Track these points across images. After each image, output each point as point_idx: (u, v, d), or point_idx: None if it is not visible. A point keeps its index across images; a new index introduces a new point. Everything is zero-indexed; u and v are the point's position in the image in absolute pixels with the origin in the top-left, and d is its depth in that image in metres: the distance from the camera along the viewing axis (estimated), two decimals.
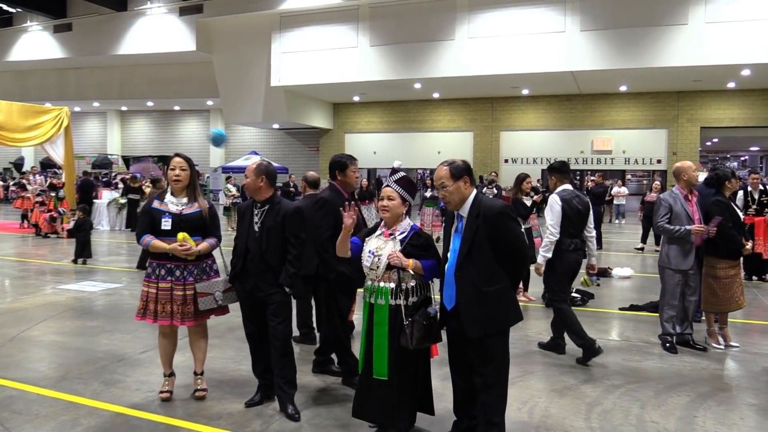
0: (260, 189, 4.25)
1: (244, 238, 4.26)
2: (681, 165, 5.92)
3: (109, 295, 8.46)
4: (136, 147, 33.05)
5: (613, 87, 22.31)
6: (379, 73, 20.86)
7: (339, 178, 4.83)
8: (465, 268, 3.42)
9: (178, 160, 4.37)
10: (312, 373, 5.09)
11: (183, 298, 4.29)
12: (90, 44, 24.93)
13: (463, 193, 3.46)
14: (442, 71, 20.11)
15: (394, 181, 3.77)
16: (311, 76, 21.71)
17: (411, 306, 3.61)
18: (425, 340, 3.53)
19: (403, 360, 3.61)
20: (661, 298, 5.99)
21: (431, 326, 3.54)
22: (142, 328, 6.35)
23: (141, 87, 27.63)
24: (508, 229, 3.38)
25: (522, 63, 19.10)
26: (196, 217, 4.33)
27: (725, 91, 22.12)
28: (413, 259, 3.59)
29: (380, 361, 3.63)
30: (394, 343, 3.59)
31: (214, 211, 4.46)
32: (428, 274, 3.66)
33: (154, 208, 4.34)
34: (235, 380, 4.93)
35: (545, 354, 5.78)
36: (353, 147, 27.42)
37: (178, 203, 4.34)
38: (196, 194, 4.39)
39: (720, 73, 19.11)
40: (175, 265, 4.29)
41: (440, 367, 4.92)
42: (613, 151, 23.81)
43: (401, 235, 3.68)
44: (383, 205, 3.71)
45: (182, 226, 4.26)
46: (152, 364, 5.28)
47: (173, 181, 4.34)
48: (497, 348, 3.43)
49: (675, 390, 4.82)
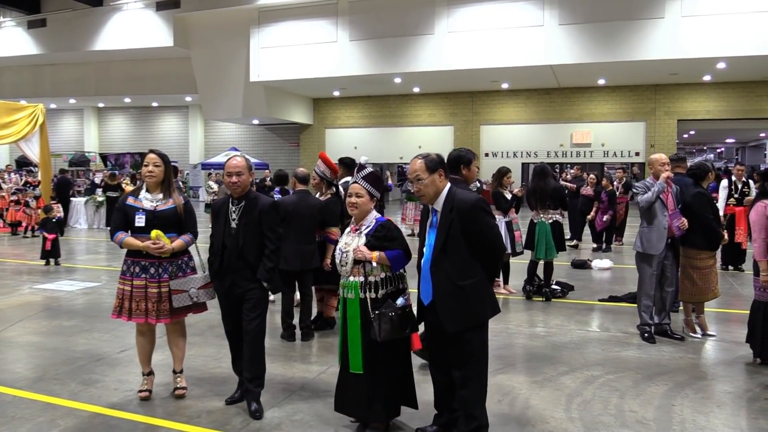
0: (249, 184, 4.28)
1: (221, 236, 4.23)
2: (651, 157, 6.12)
3: (87, 294, 8.36)
4: (114, 144, 32.64)
5: (592, 80, 22.48)
6: (359, 68, 20.80)
7: (464, 173, 4.90)
8: (440, 263, 3.42)
9: (152, 156, 4.34)
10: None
11: (158, 295, 4.24)
12: (65, 40, 24.52)
13: (438, 186, 3.47)
14: (422, 65, 20.11)
15: (362, 177, 3.77)
16: (290, 71, 21.58)
17: (381, 298, 3.62)
18: (394, 332, 3.53)
19: (376, 353, 3.62)
20: (638, 289, 6.05)
21: (400, 318, 3.55)
22: (121, 327, 6.28)
23: (118, 83, 27.25)
24: (483, 223, 3.38)
25: (501, 57, 19.14)
26: (170, 213, 4.28)
27: (701, 84, 22.38)
28: (377, 252, 3.61)
29: (355, 355, 3.66)
30: (367, 336, 3.61)
31: (189, 207, 4.42)
32: (395, 264, 3.67)
33: (128, 204, 4.30)
34: (215, 378, 4.90)
35: (526, 346, 5.82)
36: (334, 142, 27.34)
37: (153, 200, 4.30)
38: (171, 190, 4.35)
39: (696, 67, 19.34)
40: (149, 263, 4.24)
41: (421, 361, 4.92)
42: (592, 144, 24.01)
43: (367, 229, 3.72)
44: (351, 202, 3.73)
45: (156, 223, 4.22)
46: (131, 363, 5.22)
47: (146, 176, 4.31)
48: (475, 342, 3.44)
49: (653, 379, 4.88)
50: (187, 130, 31.30)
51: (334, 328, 6.24)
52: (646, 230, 5.88)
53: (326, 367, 5.15)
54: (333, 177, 6.31)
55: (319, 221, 6.02)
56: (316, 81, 22.31)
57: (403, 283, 3.78)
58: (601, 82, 22.79)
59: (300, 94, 26.34)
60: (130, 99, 29.40)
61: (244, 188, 4.21)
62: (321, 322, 6.40)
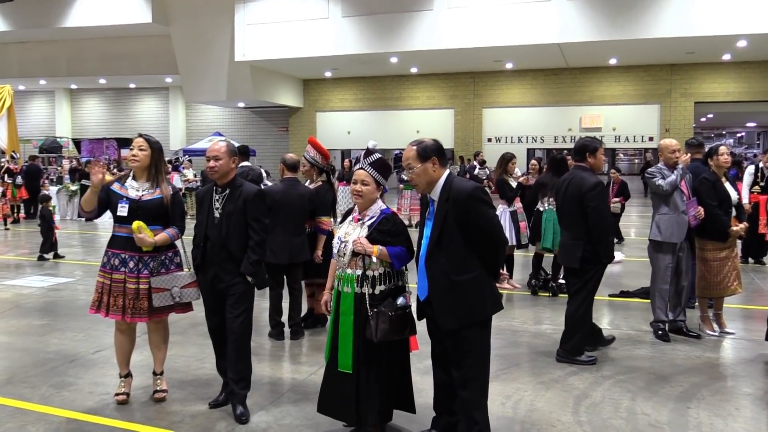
0: (231, 171, 4.23)
1: (203, 226, 4.21)
2: (660, 144, 6.10)
3: (59, 290, 8.34)
4: (88, 129, 32.49)
5: (603, 60, 22.45)
6: (353, 47, 20.72)
7: (589, 160, 5.21)
8: (435, 256, 3.41)
9: (138, 139, 4.32)
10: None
11: (135, 292, 4.21)
12: (35, 16, 24.31)
13: (431, 176, 3.45)
14: (420, 44, 20.04)
15: (369, 163, 3.75)
16: (279, 50, 21.48)
17: (378, 295, 3.61)
18: (392, 332, 3.53)
19: (369, 352, 3.62)
20: (652, 284, 6.06)
21: (399, 318, 3.55)
22: (96, 325, 6.26)
23: (92, 63, 27.05)
24: (479, 213, 3.35)
25: (505, 35, 19.08)
26: (155, 204, 4.25)
27: (720, 64, 22.38)
28: (378, 246, 3.60)
29: (345, 353, 3.65)
30: (359, 333, 3.60)
31: (178, 198, 4.40)
32: (397, 261, 3.66)
33: (112, 189, 4.29)
34: (198, 380, 4.89)
35: (531, 345, 5.83)
36: (325, 126, 27.29)
37: (139, 188, 4.28)
38: (159, 179, 4.32)
39: (715, 45, 19.32)
40: (129, 256, 4.22)
41: (420, 361, 4.93)
42: (602, 128, 24.01)
43: (370, 221, 3.70)
44: (356, 190, 3.71)
45: (140, 213, 4.19)
46: (107, 364, 5.21)
47: (130, 161, 4.29)
48: (474, 340, 3.42)
49: (667, 380, 4.89)
50: (167, 114, 31.17)
51: (325, 325, 6.24)
52: (665, 217, 5.85)
53: (317, 367, 5.14)
54: (324, 163, 6.29)
55: (309, 211, 6.01)
56: (306, 60, 22.22)
57: (403, 280, 3.77)
58: (613, 62, 22.76)
59: (289, 75, 26.24)
60: (105, 80, 29.23)
61: (223, 174, 4.18)
62: (312, 319, 6.40)
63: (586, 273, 5.18)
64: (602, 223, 5.09)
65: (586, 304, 5.24)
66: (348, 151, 27.19)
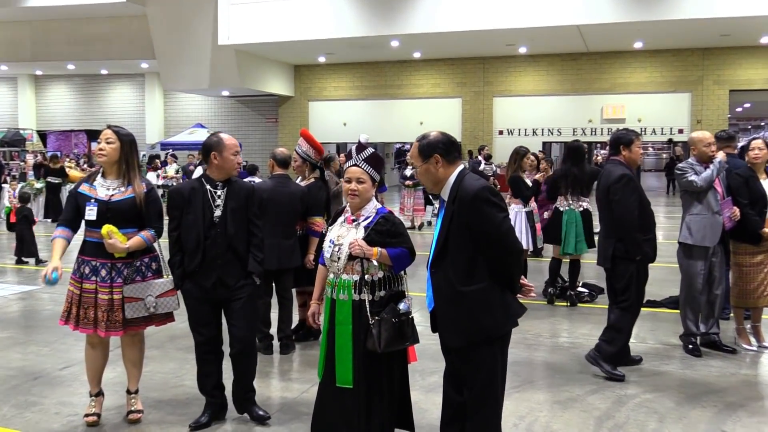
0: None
1: (199, 226, 4.21)
2: (692, 137, 6.09)
3: (23, 299, 8.34)
4: (55, 119, 32.50)
5: (627, 44, 22.45)
6: (349, 29, 20.73)
7: (624, 154, 5.36)
8: (440, 264, 3.38)
9: (106, 131, 4.31)
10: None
11: (109, 303, 4.20)
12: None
13: (435, 175, 3.41)
14: (424, 26, 20.05)
15: (363, 159, 3.76)
16: (267, 32, 21.48)
17: (378, 301, 3.62)
18: (395, 341, 3.54)
19: (372, 364, 3.62)
20: (681, 292, 6.06)
21: (402, 325, 3.55)
22: (64, 338, 6.26)
23: (59, 46, 27.05)
24: (485, 217, 3.27)
25: (519, 16, 19.10)
26: (127, 205, 4.24)
27: (758, 48, 22.39)
28: (378, 248, 3.61)
29: (344, 367, 3.64)
30: (359, 344, 3.60)
31: (154, 196, 4.37)
32: (397, 264, 3.67)
33: (80, 192, 4.29)
34: (177, 399, 4.89)
35: (547, 360, 5.83)
36: (318, 117, 27.29)
37: (109, 187, 4.27)
38: (131, 176, 4.31)
39: (752, 26, 19.31)
40: (101, 263, 4.21)
41: (423, 377, 4.93)
42: (626, 119, 23.99)
43: (366, 221, 3.70)
44: (352, 189, 3.70)
45: (110, 216, 4.18)
46: (76, 381, 5.21)
47: (97, 155, 4.31)
48: (483, 360, 3.37)
49: (699, 400, 4.89)
50: (144, 104, 31.16)
51: (318, 338, 6.23)
52: (697, 218, 5.84)
53: (309, 384, 5.14)
54: (317, 158, 6.29)
55: (300, 211, 6.01)
56: (298, 44, 22.21)
57: (402, 285, 3.78)
58: (638, 46, 22.76)
59: (278, 60, 26.25)
60: (74, 66, 29.22)
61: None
62: (303, 331, 6.40)
63: (621, 274, 5.29)
64: (626, 217, 5.20)
65: (628, 312, 5.35)
66: (344, 144, 27.24)
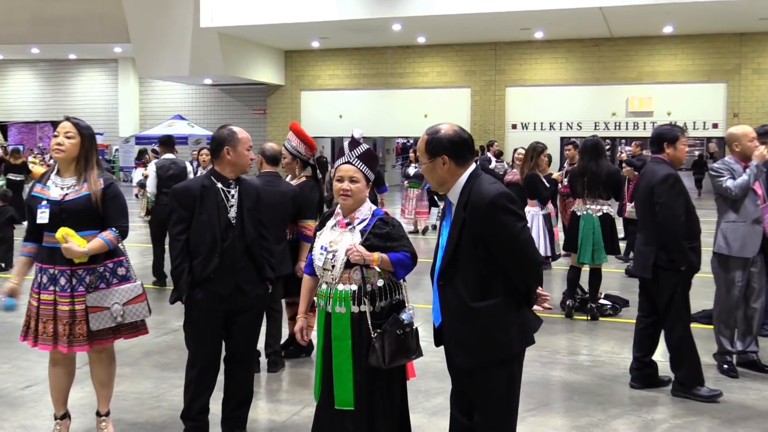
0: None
1: (215, 227, 4.23)
2: (733, 132, 6.04)
3: None
4: (17, 110, 32.55)
5: (655, 28, 22.46)
6: (346, 11, 20.76)
7: (668, 152, 5.44)
8: (449, 276, 3.35)
9: (65, 124, 4.27)
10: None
11: (71, 314, 4.18)
12: None
13: (441, 175, 3.38)
14: (429, 8, 20.08)
15: (357, 156, 3.77)
16: (254, 14, 21.52)
17: (379, 312, 3.63)
18: (400, 355, 3.55)
19: (374, 382, 3.62)
20: (715, 306, 6.06)
21: (407, 337, 3.57)
22: (26, 354, 6.24)
23: (21, 27, 27.03)
24: (502, 226, 3.24)
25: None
26: (81, 204, 4.20)
27: None
28: (378, 253, 3.61)
29: (344, 386, 3.64)
30: (359, 361, 3.60)
31: (114, 192, 4.33)
32: (400, 270, 3.68)
33: (32, 195, 4.30)
34: (153, 422, 4.89)
35: (565, 380, 5.83)
36: (311, 109, 27.29)
37: (63, 186, 4.25)
38: (87, 173, 4.27)
39: None
40: (59, 271, 4.18)
41: (427, 399, 4.93)
42: (654, 112, 24.01)
43: (361, 224, 3.71)
44: (344, 189, 3.71)
45: (65, 218, 4.14)
46: (39, 402, 5.21)
47: (53, 151, 4.28)
48: (497, 382, 3.36)
49: (735, 425, 4.89)
50: (116, 93, 31.20)
51: (311, 354, 6.25)
52: (734, 226, 5.84)
53: (300, 406, 5.15)
54: (309, 155, 6.29)
55: (291, 213, 6.01)
56: (289, 27, 22.25)
57: (402, 293, 3.79)
58: (668, 30, 22.77)
59: (267, 45, 26.27)
60: (39, 49, 29.25)
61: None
62: (294, 347, 6.40)
63: (664, 286, 5.32)
64: (672, 222, 5.21)
65: (680, 325, 5.38)
66: (340, 139, 27.22)
